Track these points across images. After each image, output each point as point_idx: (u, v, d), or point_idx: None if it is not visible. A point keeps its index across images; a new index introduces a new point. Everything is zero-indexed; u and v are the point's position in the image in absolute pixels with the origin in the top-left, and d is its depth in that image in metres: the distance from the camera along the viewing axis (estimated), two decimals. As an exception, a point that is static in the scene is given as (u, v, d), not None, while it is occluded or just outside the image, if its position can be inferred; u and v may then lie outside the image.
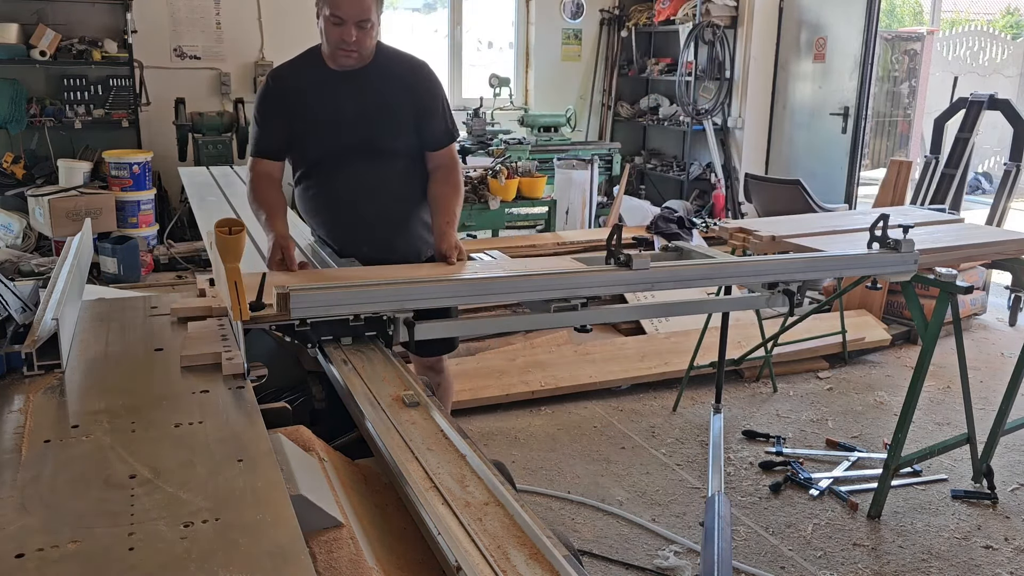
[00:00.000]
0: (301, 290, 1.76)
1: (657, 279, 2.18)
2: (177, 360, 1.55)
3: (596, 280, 2.12)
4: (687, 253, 2.64)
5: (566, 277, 2.09)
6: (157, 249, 5.93)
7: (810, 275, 2.50)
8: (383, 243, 2.58)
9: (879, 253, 2.55)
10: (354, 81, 2.48)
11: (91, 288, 3.06)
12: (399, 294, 1.88)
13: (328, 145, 2.51)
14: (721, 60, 7.54)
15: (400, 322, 1.85)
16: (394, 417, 1.49)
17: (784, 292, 2.34)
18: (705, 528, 2.82)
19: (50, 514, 1.02)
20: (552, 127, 7.46)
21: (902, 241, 2.52)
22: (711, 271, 2.34)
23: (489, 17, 8.22)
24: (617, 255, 2.17)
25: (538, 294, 2.07)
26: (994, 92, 5.39)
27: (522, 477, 3.22)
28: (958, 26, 12.38)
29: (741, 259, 2.48)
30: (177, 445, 1.22)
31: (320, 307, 1.78)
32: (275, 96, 2.52)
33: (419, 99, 2.54)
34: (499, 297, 2.14)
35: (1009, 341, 4.97)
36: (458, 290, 2.03)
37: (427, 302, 1.92)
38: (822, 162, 7.07)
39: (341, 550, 1.13)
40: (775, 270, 2.35)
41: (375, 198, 2.56)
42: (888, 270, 2.57)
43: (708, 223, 6.21)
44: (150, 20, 6.52)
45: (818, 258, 2.59)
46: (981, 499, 3.15)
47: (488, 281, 2.09)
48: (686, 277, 2.29)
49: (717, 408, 3.64)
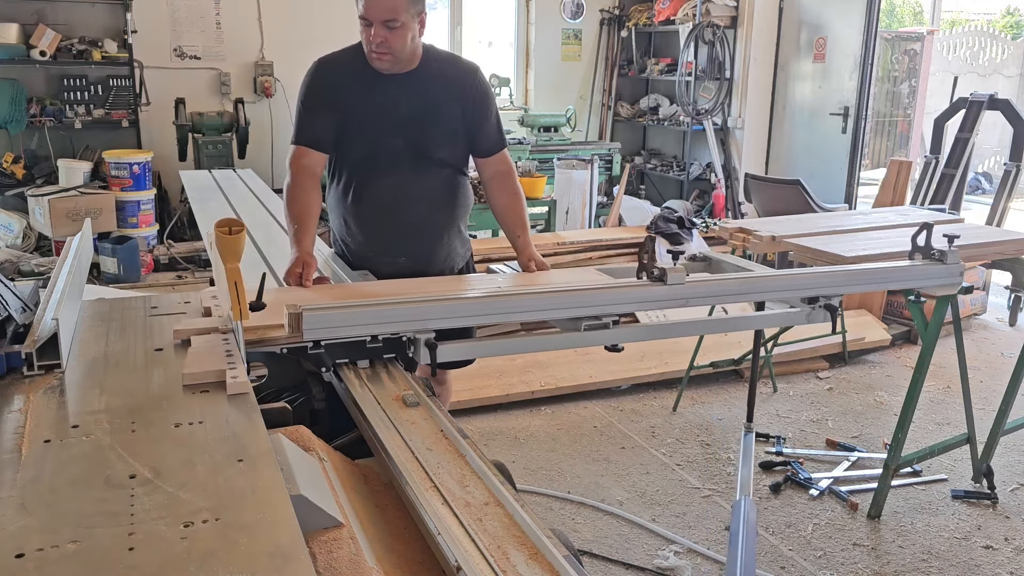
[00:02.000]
0: (315, 309, 1.65)
1: (693, 295, 2.03)
2: (176, 361, 1.55)
3: (629, 296, 1.99)
4: (716, 264, 2.50)
5: (597, 293, 1.95)
6: (157, 249, 5.93)
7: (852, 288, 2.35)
8: (423, 253, 2.50)
9: (923, 265, 2.40)
10: (404, 83, 2.37)
11: (91, 288, 3.07)
12: (421, 313, 1.76)
13: (373, 147, 2.39)
14: (721, 60, 7.54)
15: (421, 343, 1.74)
16: (394, 417, 1.49)
17: (825, 307, 2.19)
18: (731, 533, 2.77)
19: (50, 514, 1.02)
20: (552, 127, 7.46)
21: (947, 252, 2.36)
22: (749, 286, 2.19)
23: (489, 17, 8.22)
24: (650, 269, 2.01)
25: (568, 311, 1.93)
26: (994, 92, 5.39)
27: (522, 477, 3.22)
28: (958, 26, 12.39)
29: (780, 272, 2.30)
30: (177, 445, 1.22)
31: (335, 327, 1.67)
32: (324, 83, 2.39)
33: (472, 104, 2.43)
34: (527, 315, 1.98)
35: (1009, 341, 4.97)
36: (484, 308, 1.90)
37: (451, 321, 1.81)
38: (822, 162, 7.07)
39: (341, 550, 1.13)
40: (816, 284, 2.21)
41: (418, 206, 2.46)
42: (933, 283, 2.44)
43: (708, 223, 6.20)
44: (150, 20, 6.52)
45: (860, 271, 2.42)
46: (981, 499, 3.15)
47: (515, 298, 1.93)
48: (723, 292, 2.15)
49: (749, 428, 3.45)
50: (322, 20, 7.08)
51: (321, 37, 6.96)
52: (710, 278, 2.21)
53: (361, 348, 1.71)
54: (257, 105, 6.95)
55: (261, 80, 6.96)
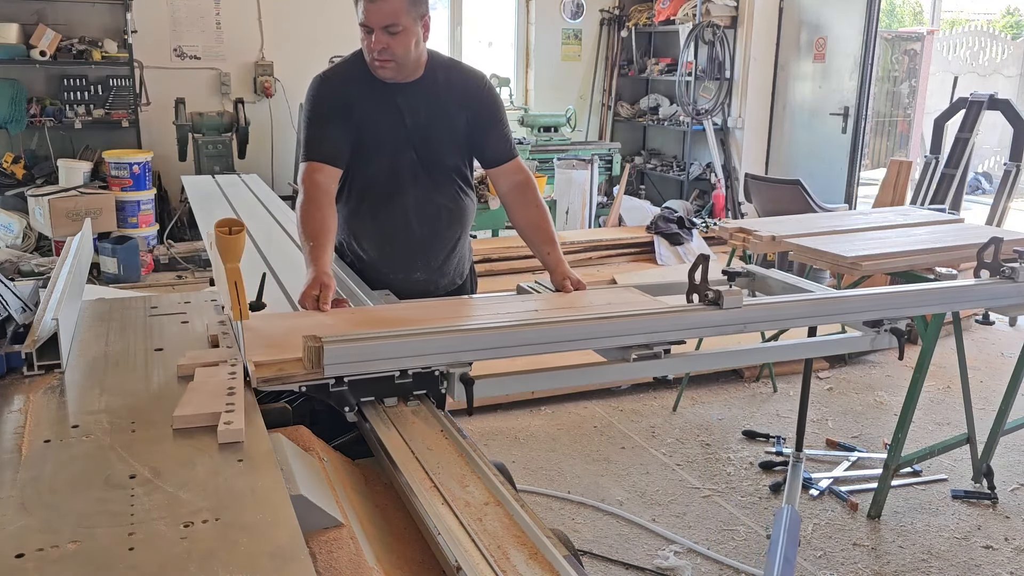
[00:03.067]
0: (337, 341, 1.47)
1: (751, 319, 1.86)
2: (175, 361, 1.54)
3: (683, 322, 1.82)
4: (761, 279, 2.34)
5: (647, 319, 1.78)
6: (157, 249, 5.93)
7: (921, 310, 2.22)
8: (437, 266, 2.44)
9: (993, 283, 2.26)
10: (412, 93, 2.28)
11: (91, 288, 3.07)
12: (455, 344, 1.59)
13: (389, 161, 2.29)
14: (721, 60, 7.54)
15: (455, 378, 1.57)
16: (394, 417, 1.49)
17: (891, 331, 2.02)
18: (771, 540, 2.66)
19: (50, 514, 1.02)
20: (552, 127, 7.47)
21: (1019, 269, 2.22)
22: (811, 309, 2.02)
23: (489, 17, 8.22)
24: (704, 292, 1.84)
25: (616, 340, 1.75)
26: (994, 92, 5.39)
27: (522, 477, 3.22)
28: (958, 26, 12.39)
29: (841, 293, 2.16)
30: (177, 445, 1.22)
31: (360, 361, 1.49)
32: (332, 97, 2.27)
33: (478, 111, 2.34)
34: (572, 344, 1.78)
35: (1009, 341, 4.97)
36: (524, 337, 1.70)
37: (488, 352, 1.65)
38: (822, 162, 7.07)
39: (341, 550, 1.13)
40: (881, 305, 2.03)
41: (433, 219, 2.38)
42: (1003, 302, 2.28)
43: (708, 223, 6.21)
44: (150, 20, 6.52)
45: (928, 289, 2.28)
46: (981, 499, 3.15)
47: (557, 326, 1.75)
48: (783, 316, 1.99)
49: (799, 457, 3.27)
50: (322, 20, 7.08)
51: (321, 37, 7.00)
52: (768, 301, 2.05)
53: (389, 384, 1.54)
54: (257, 105, 6.95)
55: (261, 80, 6.96)
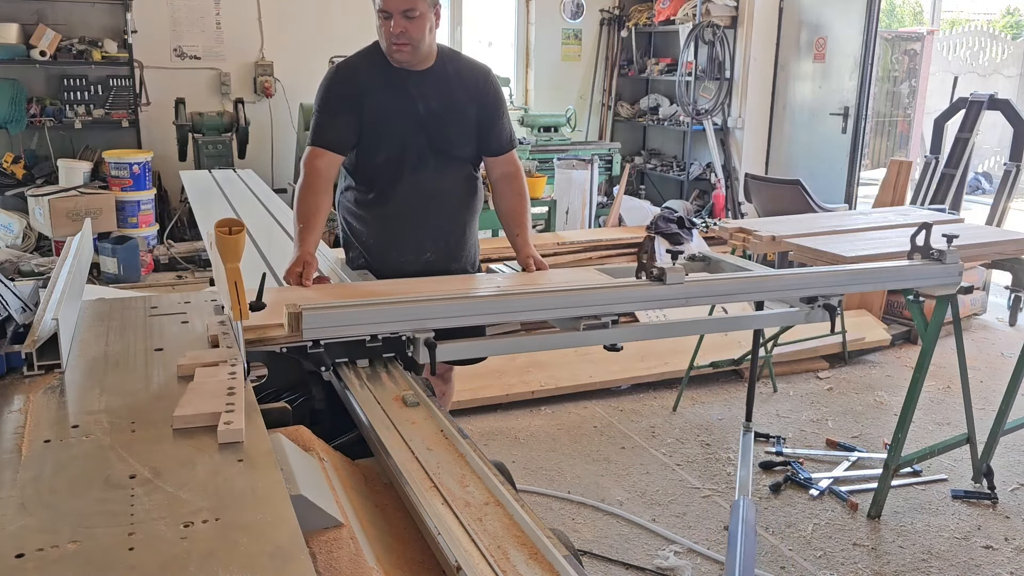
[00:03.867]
0: (314, 309, 1.66)
1: (692, 294, 2.05)
2: (175, 361, 1.54)
3: (628, 296, 2.00)
4: (716, 264, 2.52)
5: (596, 293, 1.96)
6: (157, 249, 5.93)
7: (852, 288, 2.37)
8: (448, 251, 2.55)
9: (922, 265, 2.41)
10: (424, 82, 2.41)
11: (91, 288, 3.07)
12: (419, 312, 1.77)
13: (400, 146, 2.43)
14: (721, 60, 7.54)
15: (420, 343, 1.74)
16: (394, 417, 1.49)
17: (825, 307, 2.20)
18: (729, 533, 2.78)
19: (50, 514, 1.02)
20: (552, 127, 7.46)
21: (946, 252, 2.36)
22: (748, 285, 2.20)
23: (489, 17, 8.22)
24: (649, 269, 2.03)
25: (567, 311, 1.94)
26: (994, 92, 5.39)
27: (522, 477, 3.22)
28: (958, 26, 12.39)
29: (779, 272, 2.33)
30: (177, 445, 1.22)
31: (334, 327, 1.68)
32: (343, 86, 2.41)
33: (485, 104, 2.50)
34: (527, 315, 1.99)
35: (1009, 341, 4.97)
36: (483, 307, 1.91)
37: (450, 320, 1.82)
38: (822, 162, 7.07)
39: (341, 550, 1.13)
40: (815, 284, 2.22)
41: (444, 203, 2.51)
42: (931, 282, 2.44)
43: (708, 223, 6.21)
44: (150, 20, 6.52)
45: (859, 270, 2.43)
46: (981, 499, 3.15)
47: (514, 297, 1.94)
48: (722, 292, 2.16)
49: (748, 427, 3.47)
50: (322, 20, 7.08)
51: (321, 37, 7.00)
52: (709, 278, 2.22)
53: (361, 347, 1.73)
54: (257, 105, 6.95)
55: (261, 80, 6.96)
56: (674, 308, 2.17)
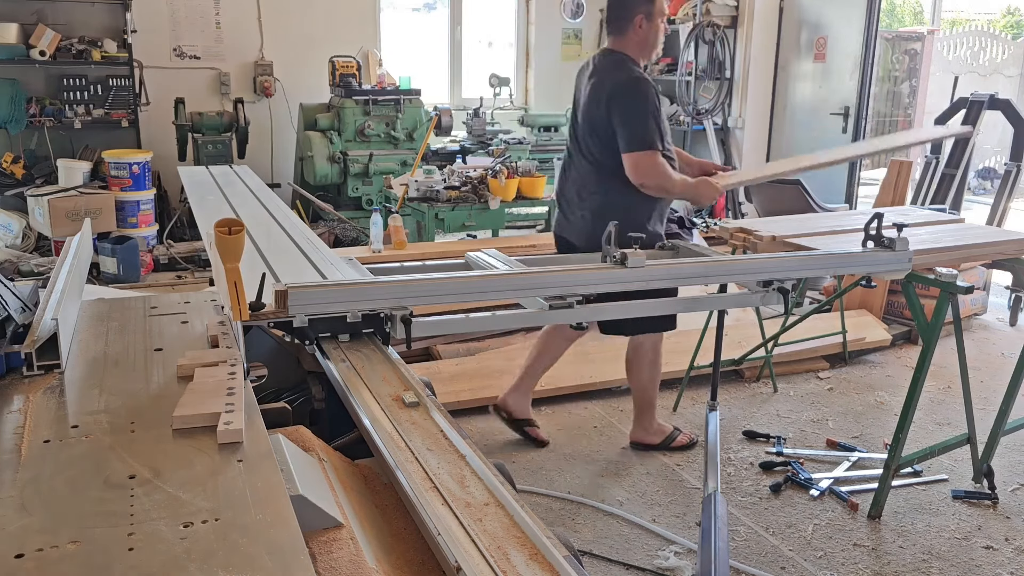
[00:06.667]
0: (299, 287, 1.81)
1: (652, 277, 2.23)
2: (175, 361, 1.54)
3: (591, 278, 2.17)
4: (683, 251, 2.67)
5: (561, 275, 2.15)
6: (157, 249, 5.93)
7: (804, 273, 2.56)
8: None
9: (873, 251, 2.58)
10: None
11: (91, 288, 3.06)
12: (397, 291, 1.93)
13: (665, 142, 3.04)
14: (721, 60, 7.54)
15: (397, 319, 1.88)
16: (394, 417, 1.49)
17: (779, 290, 2.38)
18: (702, 529, 2.81)
19: (50, 514, 1.02)
20: (552, 127, 7.46)
21: (896, 239, 2.55)
22: (705, 269, 2.40)
23: (489, 17, 8.22)
24: (612, 253, 2.22)
25: (534, 291, 2.13)
26: (994, 92, 5.38)
27: (522, 477, 3.22)
28: (958, 26, 12.39)
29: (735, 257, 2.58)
30: (177, 445, 1.22)
31: (318, 304, 1.82)
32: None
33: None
34: (496, 295, 2.18)
35: (1009, 341, 4.97)
36: (455, 288, 2.07)
37: (425, 300, 1.98)
38: (822, 162, 7.06)
39: (341, 550, 1.13)
40: (769, 268, 2.40)
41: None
42: (882, 268, 2.60)
43: (708, 223, 6.21)
44: (150, 20, 6.52)
45: (812, 256, 2.62)
46: (981, 499, 3.15)
47: (484, 279, 2.14)
48: (680, 275, 2.36)
49: (713, 406, 3.61)
50: (322, 20, 7.08)
51: (321, 37, 7.01)
52: (669, 262, 2.40)
53: (342, 322, 1.87)
54: (257, 105, 6.95)
55: (261, 80, 6.96)
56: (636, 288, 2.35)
